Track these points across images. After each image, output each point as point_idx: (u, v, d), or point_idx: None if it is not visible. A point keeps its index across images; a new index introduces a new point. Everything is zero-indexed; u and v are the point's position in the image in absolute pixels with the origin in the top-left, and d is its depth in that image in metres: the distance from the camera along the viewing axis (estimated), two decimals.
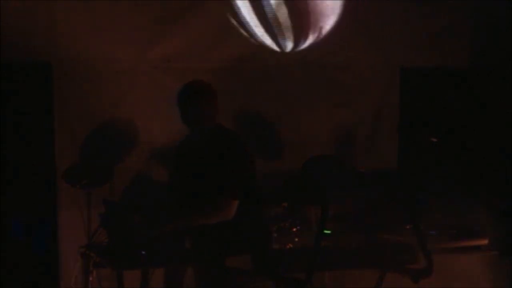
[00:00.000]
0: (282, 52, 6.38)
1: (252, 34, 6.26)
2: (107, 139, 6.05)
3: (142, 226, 4.55)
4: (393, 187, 4.88)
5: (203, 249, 4.57)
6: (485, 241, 5.09)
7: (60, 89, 5.96)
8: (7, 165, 5.81)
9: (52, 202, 5.98)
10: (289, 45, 6.37)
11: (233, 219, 4.46)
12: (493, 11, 6.61)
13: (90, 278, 5.46)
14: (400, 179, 5.23)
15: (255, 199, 4.67)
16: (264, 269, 4.49)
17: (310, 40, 6.37)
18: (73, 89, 5.96)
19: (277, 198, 5.49)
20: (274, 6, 6.23)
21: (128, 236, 4.98)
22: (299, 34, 6.36)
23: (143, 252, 4.85)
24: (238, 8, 6.20)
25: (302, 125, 6.37)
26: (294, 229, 5.29)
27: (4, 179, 5.80)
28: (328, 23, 6.33)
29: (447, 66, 6.76)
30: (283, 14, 6.25)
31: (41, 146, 5.93)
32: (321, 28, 6.32)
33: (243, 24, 6.24)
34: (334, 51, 6.50)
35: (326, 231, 4.63)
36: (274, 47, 6.33)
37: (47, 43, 5.90)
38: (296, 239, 5.14)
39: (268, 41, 6.30)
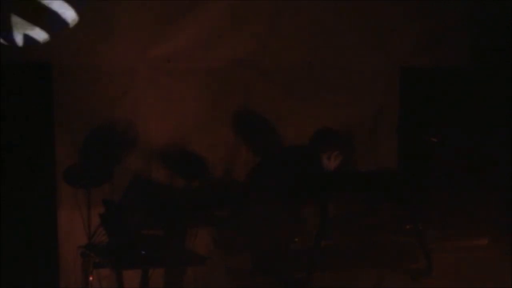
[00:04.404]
0: (282, 53, 6.38)
1: None
2: (107, 139, 6.05)
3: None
4: (393, 187, 4.88)
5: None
6: (485, 241, 5.09)
7: (60, 89, 5.95)
8: (7, 165, 5.81)
9: (52, 202, 5.98)
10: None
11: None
12: (493, 11, 6.61)
13: (90, 278, 5.48)
14: (400, 179, 5.22)
15: None
16: (264, 269, 4.49)
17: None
18: (73, 89, 5.96)
19: (277, 198, 5.49)
20: None
21: (128, 236, 5.00)
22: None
23: (143, 252, 4.87)
24: None
25: (302, 125, 6.36)
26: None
27: (4, 179, 5.79)
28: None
29: (447, 66, 6.76)
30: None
31: (41, 146, 5.93)
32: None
33: None
34: (335, 51, 6.51)
35: (326, 232, 4.63)
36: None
37: (47, 43, 5.88)
38: (296, 239, 5.14)
39: None
